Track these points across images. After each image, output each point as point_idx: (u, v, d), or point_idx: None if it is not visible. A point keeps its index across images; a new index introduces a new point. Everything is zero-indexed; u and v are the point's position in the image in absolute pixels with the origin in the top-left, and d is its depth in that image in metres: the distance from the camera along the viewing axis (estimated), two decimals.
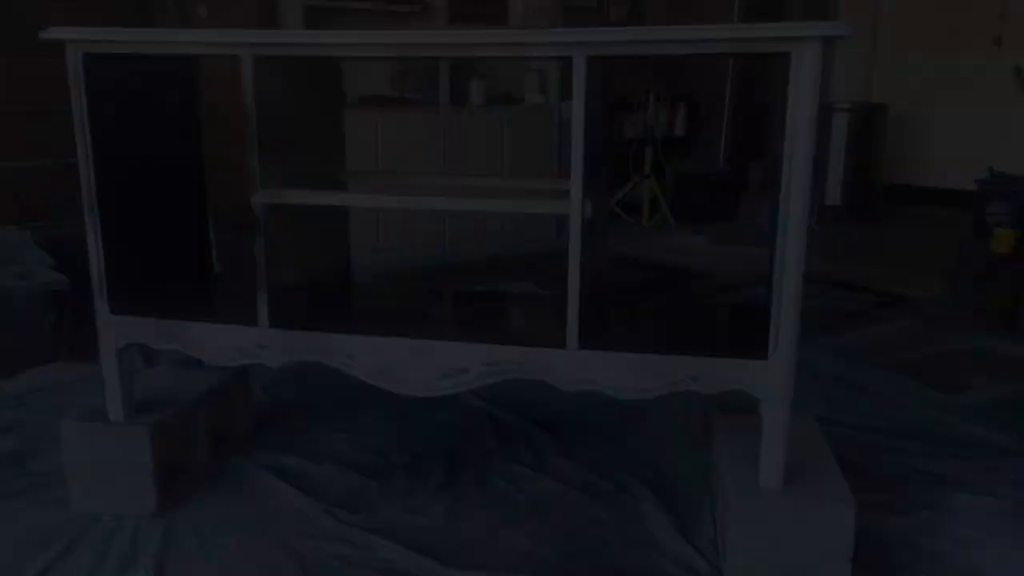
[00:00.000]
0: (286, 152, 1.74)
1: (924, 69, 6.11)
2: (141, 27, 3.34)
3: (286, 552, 1.67)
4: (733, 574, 1.52)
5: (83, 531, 1.73)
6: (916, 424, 2.30)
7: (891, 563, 1.65)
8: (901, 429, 2.27)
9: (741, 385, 1.53)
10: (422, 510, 1.83)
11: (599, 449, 2.13)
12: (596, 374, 1.57)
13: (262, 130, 1.61)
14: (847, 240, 4.99)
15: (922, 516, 1.81)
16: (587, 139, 1.51)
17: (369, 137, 4.02)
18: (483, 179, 3.17)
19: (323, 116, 1.94)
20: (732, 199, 5.56)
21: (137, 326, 1.75)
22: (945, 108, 6.03)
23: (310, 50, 1.58)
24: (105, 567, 1.62)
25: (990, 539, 1.73)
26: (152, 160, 1.89)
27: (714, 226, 5.29)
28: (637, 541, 1.72)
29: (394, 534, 1.73)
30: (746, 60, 5.51)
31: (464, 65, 4.46)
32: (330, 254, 2.00)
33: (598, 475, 1.99)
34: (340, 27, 4.01)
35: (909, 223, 5.52)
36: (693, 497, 1.89)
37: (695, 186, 5.37)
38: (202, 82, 2.04)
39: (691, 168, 5.53)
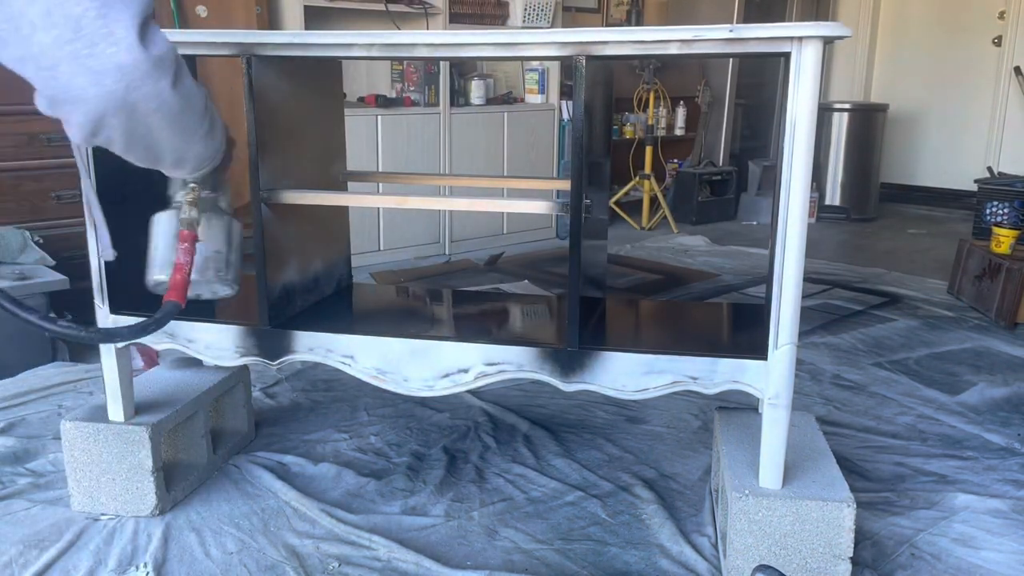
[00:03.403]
0: (286, 152, 1.74)
1: (924, 69, 6.12)
2: None
3: (286, 552, 1.67)
4: (733, 574, 1.53)
5: (83, 531, 1.74)
6: (916, 424, 2.30)
7: (891, 563, 1.65)
8: (901, 429, 2.27)
9: (741, 385, 1.53)
10: (422, 510, 1.84)
11: (599, 449, 2.13)
12: (596, 374, 1.57)
13: (261, 130, 1.62)
14: (846, 240, 4.99)
15: (921, 516, 1.81)
16: (587, 139, 1.51)
17: (369, 137, 4.02)
18: (483, 179, 3.18)
19: (323, 116, 1.94)
20: (732, 199, 5.56)
21: None
22: (945, 108, 6.04)
23: (310, 50, 1.58)
24: (105, 567, 1.62)
25: (990, 539, 1.73)
26: None
27: (714, 226, 5.30)
28: (637, 541, 1.72)
29: (394, 534, 1.73)
30: (746, 60, 5.51)
31: (464, 65, 4.46)
32: (330, 254, 2.00)
33: (598, 475, 1.99)
34: (340, 27, 4.01)
35: (908, 223, 5.52)
36: (693, 497, 1.89)
37: (695, 186, 5.38)
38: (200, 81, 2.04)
39: (691, 168, 5.54)
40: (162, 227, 1.10)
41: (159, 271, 1.08)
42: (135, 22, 0.76)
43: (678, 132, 5.82)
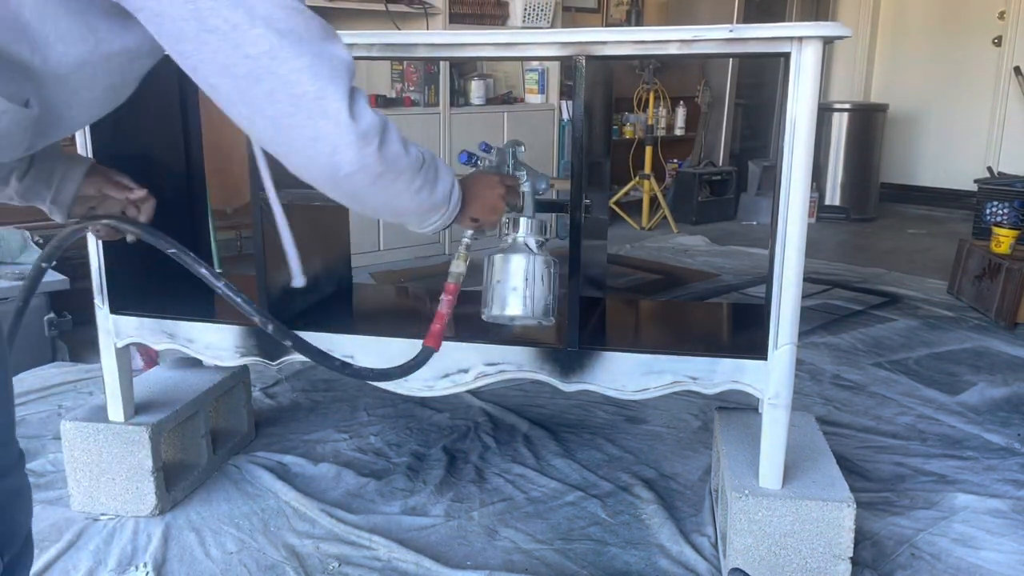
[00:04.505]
0: None
1: (924, 69, 6.12)
2: None
3: (286, 552, 1.67)
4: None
5: (83, 531, 1.74)
6: (915, 424, 2.30)
7: (891, 563, 1.65)
8: (900, 429, 2.27)
9: (741, 385, 1.53)
10: (422, 510, 1.84)
11: (599, 449, 2.13)
12: (596, 374, 1.57)
13: None
14: (846, 240, 4.99)
15: (921, 516, 1.81)
16: (587, 139, 1.51)
17: None
18: None
19: None
20: (732, 199, 5.56)
21: (137, 325, 1.76)
22: (944, 108, 6.04)
23: None
24: (105, 567, 1.62)
25: (990, 539, 1.73)
26: (152, 160, 1.89)
27: (714, 226, 5.30)
28: (637, 541, 1.72)
29: (394, 534, 1.73)
30: (746, 60, 5.51)
31: (464, 65, 4.46)
32: (330, 254, 2.00)
33: (598, 475, 1.99)
34: (340, 27, 4.01)
35: (908, 223, 5.52)
36: (693, 497, 1.89)
37: (695, 186, 5.37)
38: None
39: (691, 168, 5.54)
40: (513, 266, 1.26)
41: (498, 307, 1.26)
42: (345, 101, 0.89)
43: (678, 132, 5.82)
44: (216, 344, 1.73)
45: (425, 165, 1.04)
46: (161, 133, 1.92)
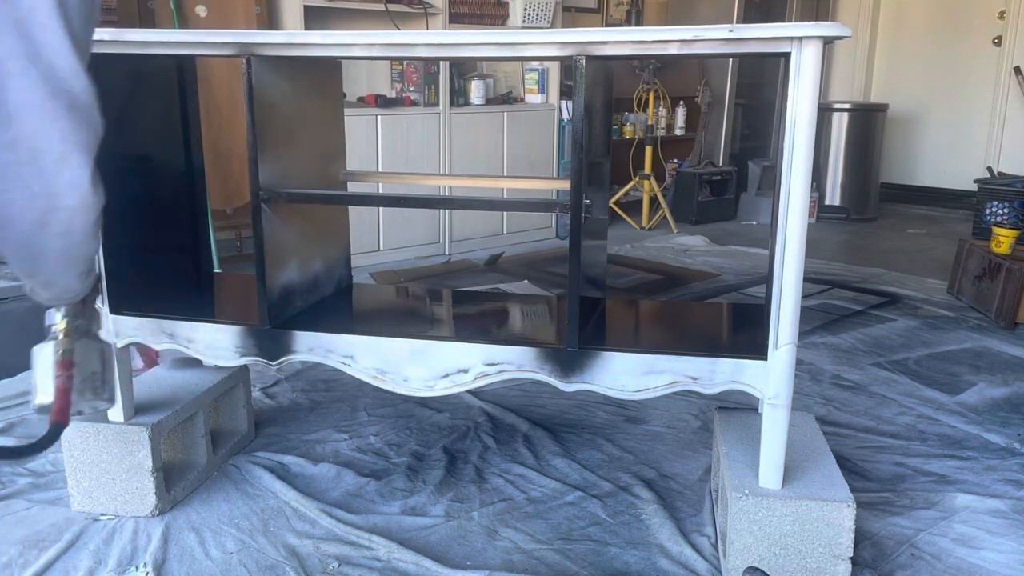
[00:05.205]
0: (285, 152, 1.74)
1: (924, 69, 6.12)
2: (141, 27, 3.33)
3: (286, 552, 1.67)
4: (733, 574, 1.53)
5: (83, 531, 1.74)
6: (916, 424, 2.30)
7: (891, 563, 1.65)
8: (900, 429, 2.27)
9: (741, 385, 1.53)
10: (422, 510, 1.84)
11: (599, 449, 2.13)
12: (596, 374, 1.57)
13: (261, 130, 1.62)
14: (846, 240, 4.99)
15: (921, 516, 1.81)
16: (587, 139, 1.51)
17: (369, 137, 4.02)
18: (483, 179, 3.18)
19: (323, 116, 1.94)
20: (732, 199, 5.56)
21: (137, 326, 1.76)
22: (944, 108, 6.04)
23: (310, 50, 1.58)
24: (105, 567, 1.62)
25: (990, 539, 1.73)
26: (151, 159, 1.89)
27: (714, 226, 5.30)
28: (637, 541, 1.72)
29: (394, 534, 1.73)
30: (746, 60, 5.51)
31: (464, 65, 4.46)
32: (330, 254, 2.00)
33: (598, 475, 1.99)
34: (340, 27, 4.01)
35: (908, 223, 5.52)
36: (693, 497, 1.89)
37: (695, 186, 5.38)
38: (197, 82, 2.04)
39: (691, 168, 5.54)
40: (42, 357, 1.25)
41: (42, 396, 1.25)
42: (88, 169, 0.84)
43: (678, 132, 5.82)
44: (216, 344, 1.73)
45: (93, 254, 1.03)
46: (161, 133, 1.92)
